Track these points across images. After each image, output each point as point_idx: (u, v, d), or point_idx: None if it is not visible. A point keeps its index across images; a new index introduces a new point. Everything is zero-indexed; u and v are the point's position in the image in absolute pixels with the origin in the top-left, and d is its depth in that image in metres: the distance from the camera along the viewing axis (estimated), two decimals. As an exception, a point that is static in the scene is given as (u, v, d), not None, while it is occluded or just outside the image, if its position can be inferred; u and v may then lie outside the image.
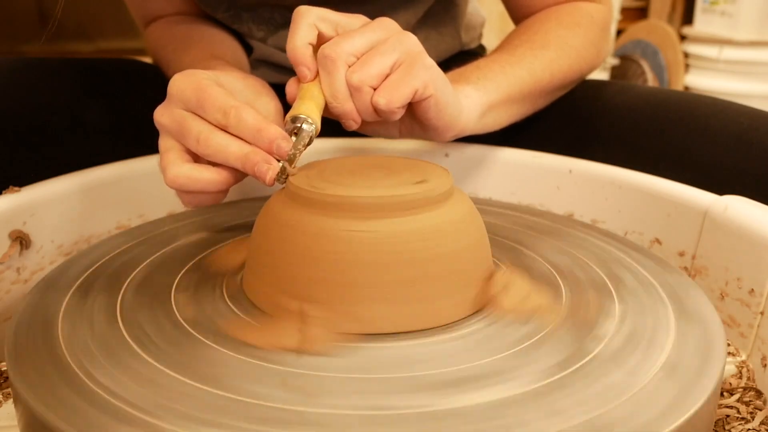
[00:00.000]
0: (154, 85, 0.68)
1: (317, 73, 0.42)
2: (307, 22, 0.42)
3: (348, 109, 0.41)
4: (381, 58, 0.41)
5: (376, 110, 0.41)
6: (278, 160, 0.38)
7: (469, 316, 0.36)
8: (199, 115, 0.40)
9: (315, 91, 0.41)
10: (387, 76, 0.41)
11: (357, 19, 0.43)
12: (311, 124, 0.40)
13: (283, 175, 0.38)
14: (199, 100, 0.39)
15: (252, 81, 0.46)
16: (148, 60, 0.74)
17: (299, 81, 0.42)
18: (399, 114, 0.42)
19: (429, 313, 0.35)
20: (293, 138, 0.39)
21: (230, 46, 0.66)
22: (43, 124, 0.56)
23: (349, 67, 0.41)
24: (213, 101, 0.39)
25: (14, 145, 0.54)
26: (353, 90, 0.41)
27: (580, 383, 0.30)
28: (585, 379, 0.30)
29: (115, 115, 0.62)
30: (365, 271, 0.34)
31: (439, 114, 0.45)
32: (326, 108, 0.41)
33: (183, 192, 0.40)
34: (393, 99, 0.41)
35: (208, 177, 0.39)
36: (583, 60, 0.61)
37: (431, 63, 0.43)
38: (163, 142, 0.41)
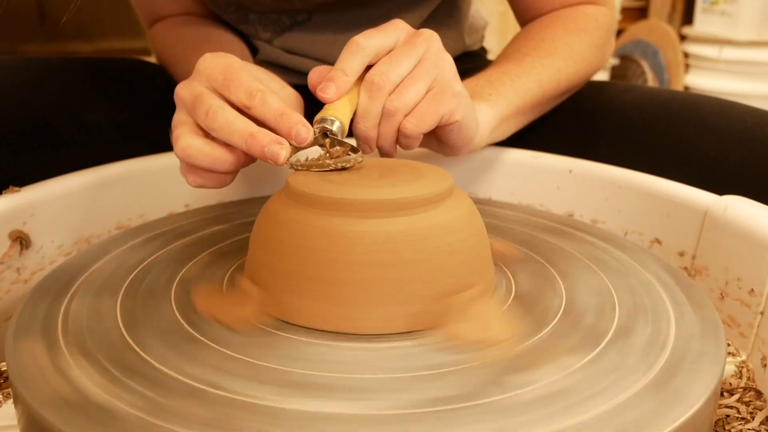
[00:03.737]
0: (156, 84, 0.68)
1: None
2: (364, 56, 0.42)
3: (370, 136, 0.42)
4: (417, 85, 0.42)
5: (402, 132, 0.43)
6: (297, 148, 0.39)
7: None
8: (222, 95, 0.40)
9: (352, 95, 0.42)
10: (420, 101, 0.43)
11: (398, 30, 0.44)
12: (339, 125, 0.40)
13: (299, 165, 0.39)
14: (227, 79, 0.39)
15: (274, 75, 0.46)
16: (149, 60, 0.75)
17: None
18: (419, 142, 0.44)
19: (429, 313, 0.35)
20: (317, 131, 0.39)
21: (239, 47, 0.66)
22: (45, 124, 0.56)
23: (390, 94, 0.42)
24: (240, 82, 0.39)
25: (16, 145, 0.54)
26: (386, 114, 0.42)
27: (584, 381, 0.30)
28: (586, 379, 0.30)
29: (118, 115, 0.62)
30: (364, 271, 0.34)
31: (460, 136, 0.47)
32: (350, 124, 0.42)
33: (190, 167, 0.40)
34: (420, 124, 0.42)
35: (218, 153, 0.39)
36: (588, 65, 0.62)
37: (460, 89, 0.44)
38: (178, 116, 0.41)
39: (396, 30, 0.43)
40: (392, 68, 0.42)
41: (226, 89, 0.39)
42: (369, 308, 0.34)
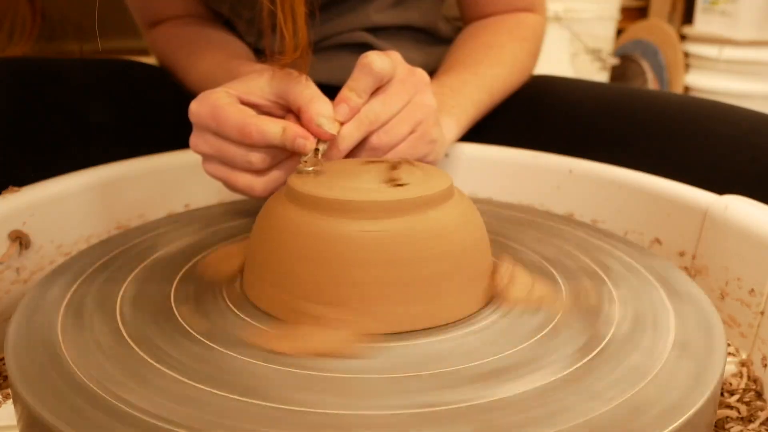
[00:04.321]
0: (155, 85, 0.68)
1: None
2: (375, 79, 0.43)
3: (341, 156, 0.43)
4: (402, 127, 0.45)
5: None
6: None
7: (478, 311, 0.37)
8: (221, 138, 0.42)
9: None
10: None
11: (397, 63, 0.45)
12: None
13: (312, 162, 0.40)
14: (218, 124, 0.42)
15: (276, 71, 0.45)
16: (148, 60, 0.74)
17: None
18: None
19: (433, 312, 0.35)
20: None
21: (241, 46, 0.66)
22: (45, 124, 0.56)
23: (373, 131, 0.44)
24: (230, 122, 0.41)
25: (15, 145, 0.54)
26: (369, 147, 0.44)
27: (606, 367, 0.31)
28: (609, 363, 0.31)
29: (117, 115, 0.62)
30: (367, 272, 0.34)
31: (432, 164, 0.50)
32: (319, 132, 0.42)
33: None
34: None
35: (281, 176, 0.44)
36: (527, 72, 0.68)
37: (437, 135, 0.47)
38: (214, 169, 0.44)
39: (395, 62, 0.45)
40: (385, 109, 0.44)
41: (222, 133, 0.42)
42: (366, 308, 0.34)
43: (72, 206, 0.50)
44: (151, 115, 0.64)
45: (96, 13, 0.41)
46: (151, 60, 0.75)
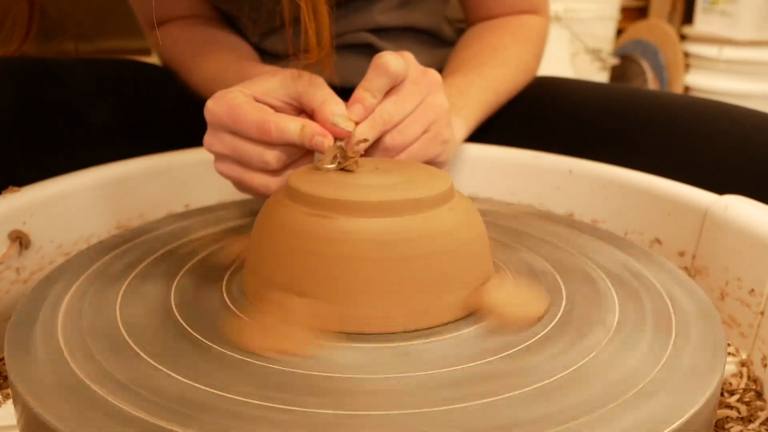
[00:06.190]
0: (155, 85, 0.68)
1: None
2: (389, 79, 0.43)
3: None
4: (415, 127, 0.45)
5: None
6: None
7: (463, 318, 0.36)
8: (238, 136, 0.42)
9: None
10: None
11: (410, 64, 0.45)
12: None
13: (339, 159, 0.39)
14: (235, 122, 0.42)
15: (289, 72, 0.45)
16: (149, 60, 0.74)
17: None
18: None
19: (427, 312, 0.35)
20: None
21: (245, 47, 0.66)
22: (45, 124, 0.56)
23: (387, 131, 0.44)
24: (248, 120, 0.41)
25: (16, 145, 0.54)
26: (383, 148, 0.44)
27: (605, 367, 0.31)
28: (608, 363, 0.31)
29: (117, 115, 0.62)
30: (364, 271, 0.34)
31: (442, 166, 0.50)
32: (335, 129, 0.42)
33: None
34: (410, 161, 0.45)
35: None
36: (530, 73, 0.68)
37: (449, 135, 0.48)
38: (228, 169, 0.44)
39: (408, 63, 0.45)
40: (398, 110, 0.44)
41: (239, 131, 0.42)
42: (368, 308, 0.34)
43: (72, 206, 0.50)
44: (152, 115, 0.64)
45: (153, 7, 0.41)
46: (151, 60, 0.75)
